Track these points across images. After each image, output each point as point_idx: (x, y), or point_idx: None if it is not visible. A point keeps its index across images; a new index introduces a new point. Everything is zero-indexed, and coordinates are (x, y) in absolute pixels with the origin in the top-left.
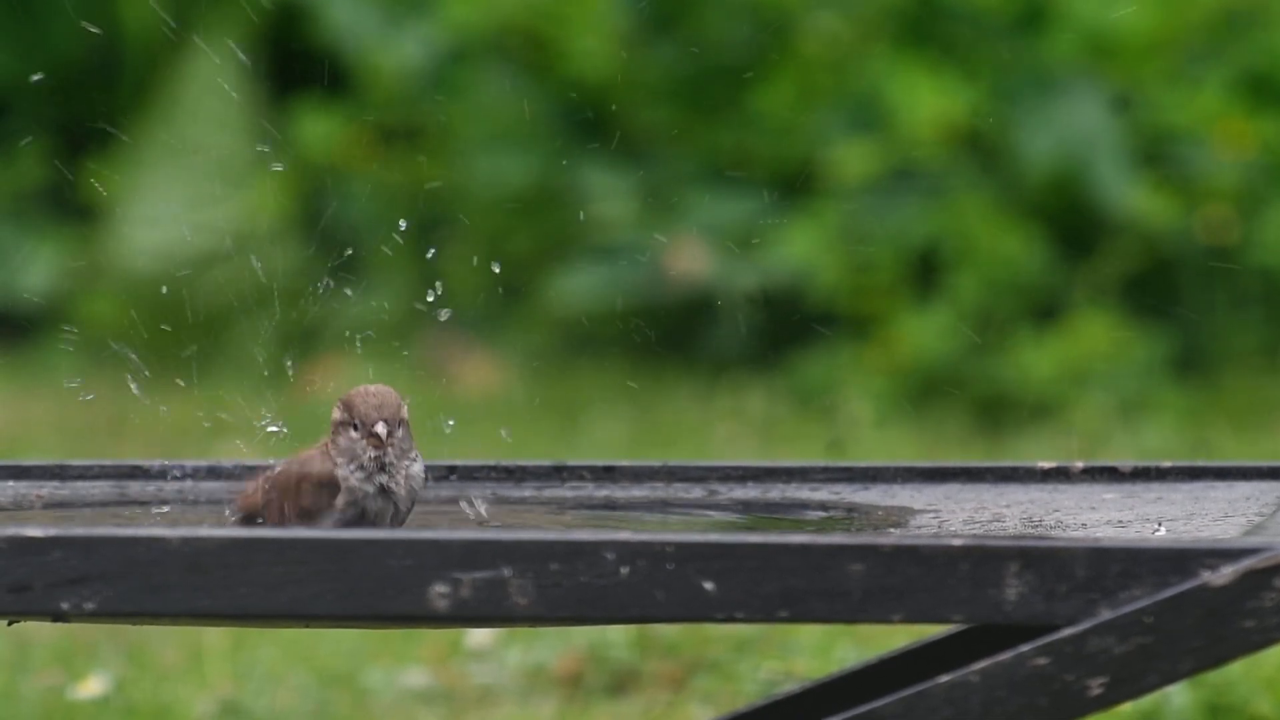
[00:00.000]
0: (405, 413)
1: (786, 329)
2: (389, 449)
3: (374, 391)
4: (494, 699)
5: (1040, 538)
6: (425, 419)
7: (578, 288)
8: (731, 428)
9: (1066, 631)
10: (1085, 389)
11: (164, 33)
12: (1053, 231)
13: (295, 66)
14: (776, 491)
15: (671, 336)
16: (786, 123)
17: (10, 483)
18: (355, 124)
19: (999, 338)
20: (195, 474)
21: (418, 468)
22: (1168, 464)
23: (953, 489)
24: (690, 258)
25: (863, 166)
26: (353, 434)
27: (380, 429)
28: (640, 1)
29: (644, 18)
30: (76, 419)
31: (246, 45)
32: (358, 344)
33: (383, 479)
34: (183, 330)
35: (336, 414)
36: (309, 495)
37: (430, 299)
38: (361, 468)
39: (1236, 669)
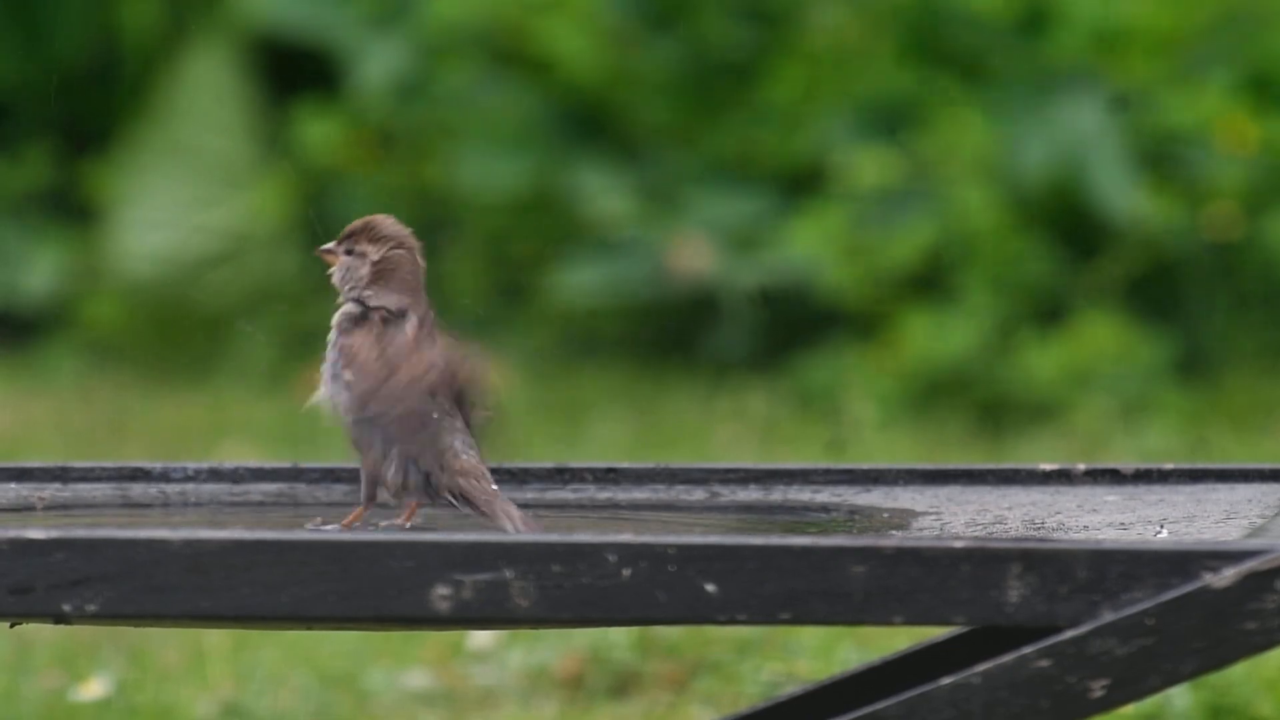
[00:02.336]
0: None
1: (789, 329)
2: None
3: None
4: (495, 700)
5: (1042, 539)
6: None
7: (579, 288)
8: (733, 429)
9: (1068, 633)
10: (1088, 391)
11: (164, 35)
12: (1056, 234)
13: (294, 68)
14: (778, 493)
15: (673, 337)
16: (790, 119)
17: (12, 484)
18: (354, 126)
19: (1003, 340)
20: (197, 476)
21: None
22: (1170, 466)
23: (954, 491)
24: (692, 257)
25: (878, 176)
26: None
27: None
28: None
29: (644, 14)
30: (78, 420)
31: (245, 47)
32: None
33: None
34: (183, 332)
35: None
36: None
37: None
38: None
39: (1238, 671)
